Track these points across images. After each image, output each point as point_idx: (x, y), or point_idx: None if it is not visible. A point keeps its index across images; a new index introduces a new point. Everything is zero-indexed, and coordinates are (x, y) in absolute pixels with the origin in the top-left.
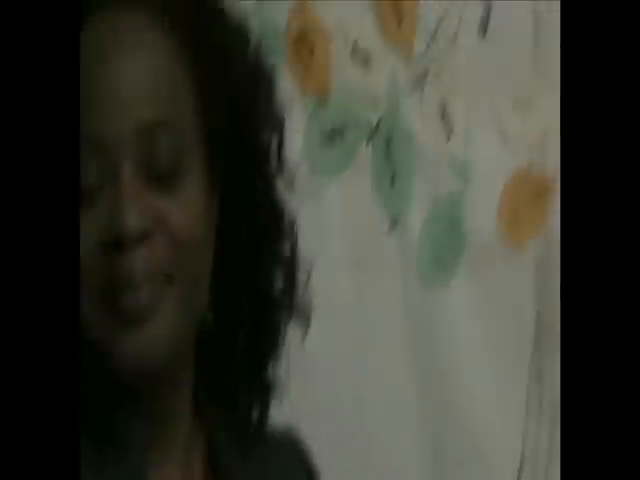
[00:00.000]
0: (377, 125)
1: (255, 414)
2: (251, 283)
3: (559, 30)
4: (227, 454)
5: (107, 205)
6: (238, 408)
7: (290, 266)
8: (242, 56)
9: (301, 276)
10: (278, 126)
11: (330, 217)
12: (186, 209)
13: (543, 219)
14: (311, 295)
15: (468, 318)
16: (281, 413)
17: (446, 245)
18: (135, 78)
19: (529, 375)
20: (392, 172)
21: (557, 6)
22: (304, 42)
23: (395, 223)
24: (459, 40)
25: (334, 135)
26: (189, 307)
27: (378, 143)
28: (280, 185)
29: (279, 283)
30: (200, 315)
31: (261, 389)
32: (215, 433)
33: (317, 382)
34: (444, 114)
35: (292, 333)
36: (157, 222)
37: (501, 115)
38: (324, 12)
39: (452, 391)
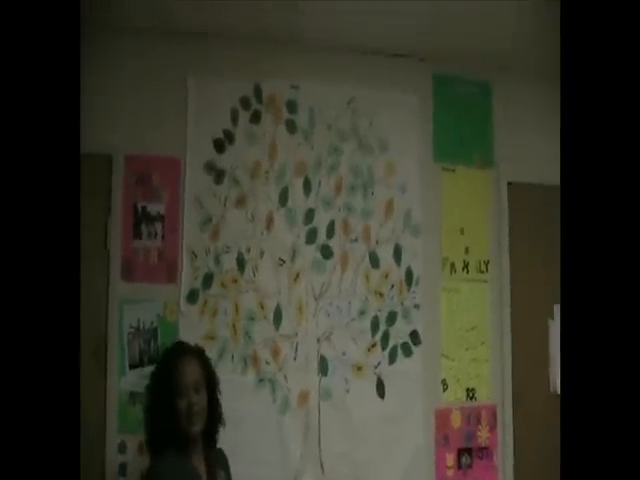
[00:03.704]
0: None
1: (212, 442)
2: (213, 406)
3: None
4: (209, 452)
5: (188, 398)
6: (209, 441)
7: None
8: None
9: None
10: (217, 382)
11: None
12: (202, 398)
13: None
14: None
15: None
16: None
17: None
18: (191, 371)
19: None
20: None
21: None
22: None
23: None
24: None
25: None
26: (204, 417)
27: None
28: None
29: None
30: (204, 417)
31: (213, 439)
32: (205, 446)
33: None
34: None
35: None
36: (197, 399)
37: None
38: None
39: None
